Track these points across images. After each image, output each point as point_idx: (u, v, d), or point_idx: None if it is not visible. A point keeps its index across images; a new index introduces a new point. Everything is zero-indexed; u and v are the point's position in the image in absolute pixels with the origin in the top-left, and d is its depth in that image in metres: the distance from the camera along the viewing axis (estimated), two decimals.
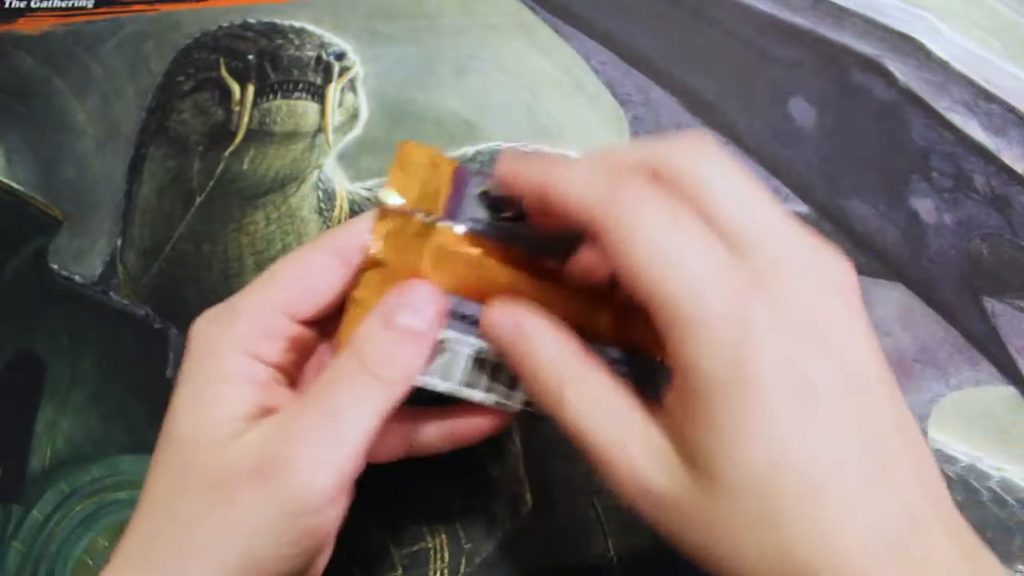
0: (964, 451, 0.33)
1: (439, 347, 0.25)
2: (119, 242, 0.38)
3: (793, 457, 0.18)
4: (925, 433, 0.33)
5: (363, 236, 0.25)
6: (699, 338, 0.19)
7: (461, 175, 0.26)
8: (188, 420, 0.24)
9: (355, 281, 0.25)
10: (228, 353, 0.24)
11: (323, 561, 0.27)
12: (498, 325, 0.24)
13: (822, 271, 0.21)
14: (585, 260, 0.25)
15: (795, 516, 0.18)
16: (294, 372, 0.27)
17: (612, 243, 0.20)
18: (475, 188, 0.25)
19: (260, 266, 0.37)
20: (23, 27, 0.42)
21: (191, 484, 0.23)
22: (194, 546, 0.23)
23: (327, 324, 0.27)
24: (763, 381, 0.19)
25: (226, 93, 0.40)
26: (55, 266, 0.37)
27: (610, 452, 0.21)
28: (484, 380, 0.26)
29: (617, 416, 0.21)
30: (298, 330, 0.26)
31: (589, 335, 0.24)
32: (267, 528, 0.22)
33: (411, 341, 0.24)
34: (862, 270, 0.35)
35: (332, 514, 0.24)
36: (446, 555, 0.32)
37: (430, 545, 0.32)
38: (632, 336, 0.25)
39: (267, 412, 0.24)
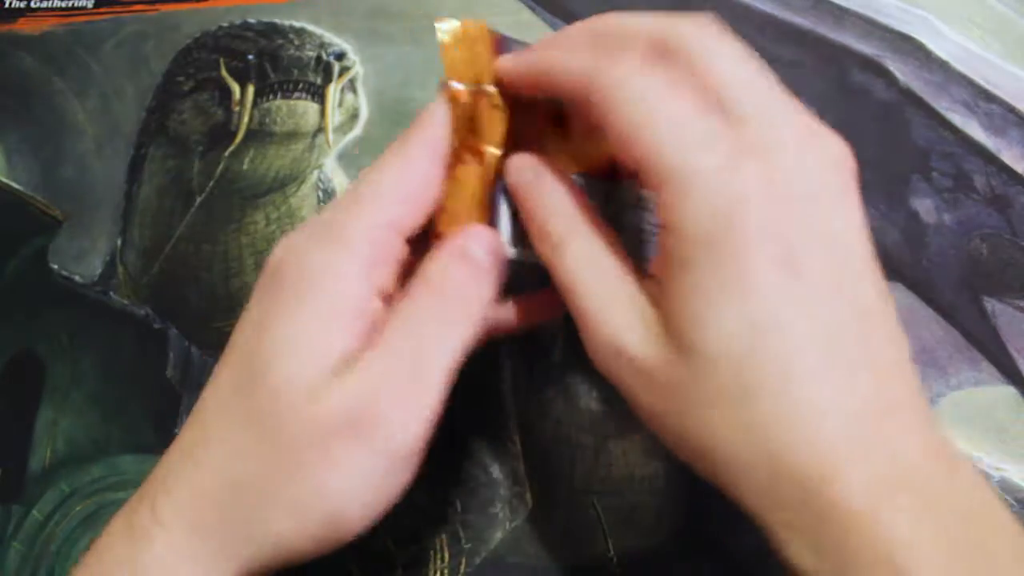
0: (964, 451, 0.33)
1: None
2: (119, 242, 0.38)
3: (770, 325, 0.18)
4: None
5: (443, 129, 0.24)
6: (689, 196, 0.19)
7: (501, 43, 0.26)
8: (286, 362, 0.22)
9: (451, 172, 0.25)
10: (347, 284, 0.22)
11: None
12: (522, 168, 0.24)
13: (820, 148, 0.20)
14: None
15: (768, 388, 0.18)
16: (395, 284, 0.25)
17: (605, 108, 0.20)
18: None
19: (260, 266, 0.37)
20: (23, 27, 0.42)
21: (283, 437, 0.21)
22: (281, 502, 0.21)
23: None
24: (748, 244, 0.18)
25: (226, 93, 0.40)
26: (55, 266, 0.37)
27: (594, 311, 0.21)
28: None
29: (608, 277, 0.21)
30: (406, 251, 0.24)
31: None
32: (361, 487, 0.21)
33: (485, 275, 0.23)
34: None
35: (418, 460, 0.22)
36: (446, 555, 0.32)
37: (430, 545, 0.32)
38: None
39: (368, 347, 0.22)
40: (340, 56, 0.40)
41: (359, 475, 0.21)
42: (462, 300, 0.23)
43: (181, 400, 0.35)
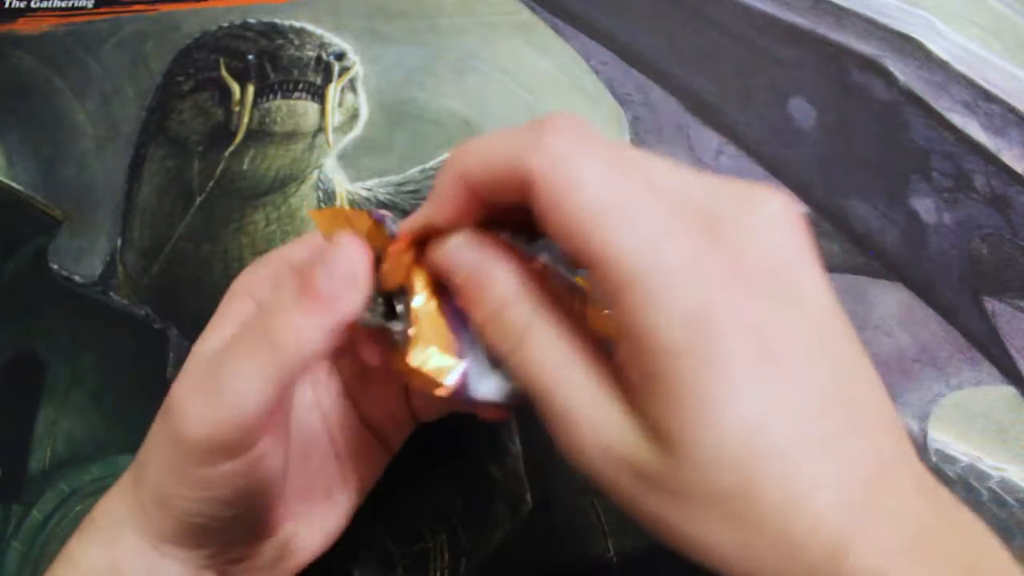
0: (964, 451, 0.33)
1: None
2: (119, 242, 0.38)
3: (760, 423, 0.17)
4: (925, 433, 0.33)
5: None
6: (659, 300, 0.17)
7: (377, 218, 0.23)
8: (196, 353, 0.24)
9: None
10: (233, 294, 0.25)
11: (298, 497, 0.26)
12: (460, 247, 0.21)
13: (765, 211, 0.19)
14: None
15: (767, 482, 0.17)
16: None
17: (552, 197, 0.18)
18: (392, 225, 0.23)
19: None
20: (23, 27, 0.42)
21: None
22: (143, 468, 0.24)
23: None
24: (726, 346, 0.17)
25: (226, 93, 0.40)
26: (55, 266, 0.37)
27: (576, 411, 0.19)
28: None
29: (582, 371, 0.19)
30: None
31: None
32: (168, 467, 0.23)
33: (319, 309, 0.21)
34: (862, 270, 0.35)
35: (227, 468, 0.22)
36: (446, 555, 0.32)
37: (430, 545, 0.32)
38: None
39: None
40: (340, 56, 0.40)
41: (161, 453, 0.23)
42: (282, 332, 0.22)
43: None
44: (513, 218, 0.21)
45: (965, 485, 0.32)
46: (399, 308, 0.23)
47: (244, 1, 0.42)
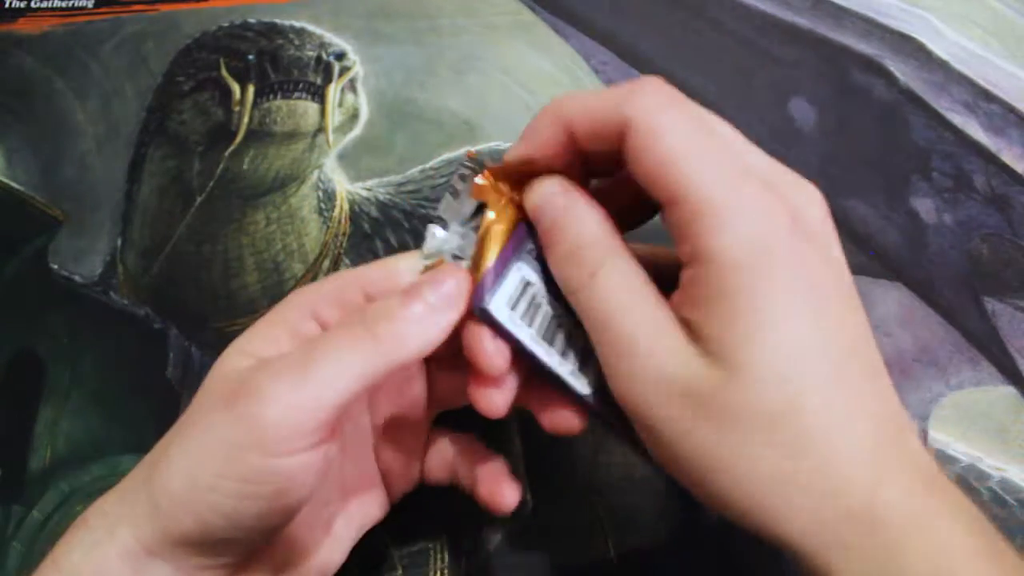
0: (964, 451, 0.33)
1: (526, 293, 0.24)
2: (119, 242, 0.38)
3: (808, 347, 0.19)
4: (925, 433, 0.33)
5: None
6: (728, 226, 0.20)
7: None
8: (235, 354, 0.24)
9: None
10: (289, 304, 0.25)
11: (304, 527, 0.26)
12: (546, 195, 0.23)
13: (810, 190, 0.22)
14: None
15: (813, 407, 0.19)
16: None
17: (644, 140, 0.21)
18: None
19: (260, 266, 0.37)
20: (23, 27, 0.42)
21: (195, 407, 0.24)
22: (153, 461, 0.23)
23: None
24: (784, 272, 0.20)
25: (226, 93, 0.40)
26: (55, 266, 0.37)
27: (638, 339, 0.21)
28: (560, 342, 0.24)
29: (645, 303, 0.21)
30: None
31: None
32: (214, 454, 0.22)
33: (423, 317, 0.23)
34: (862, 270, 0.35)
35: (289, 463, 0.22)
36: (446, 555, 0.32)
37: (430, 545, 0.32)
38: None
39: None
40: (340, 56, 0.40)
41: (224, 443, 0.22)
42: (381, 324, 0.23)
43: (181, 400, 0.35)
44: (595, 167, 0.24)
45: (965, 485, 0.32)
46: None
47: (244, 1, 0.42)
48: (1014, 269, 0.35)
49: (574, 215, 0.23)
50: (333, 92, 0.39)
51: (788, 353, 0.19)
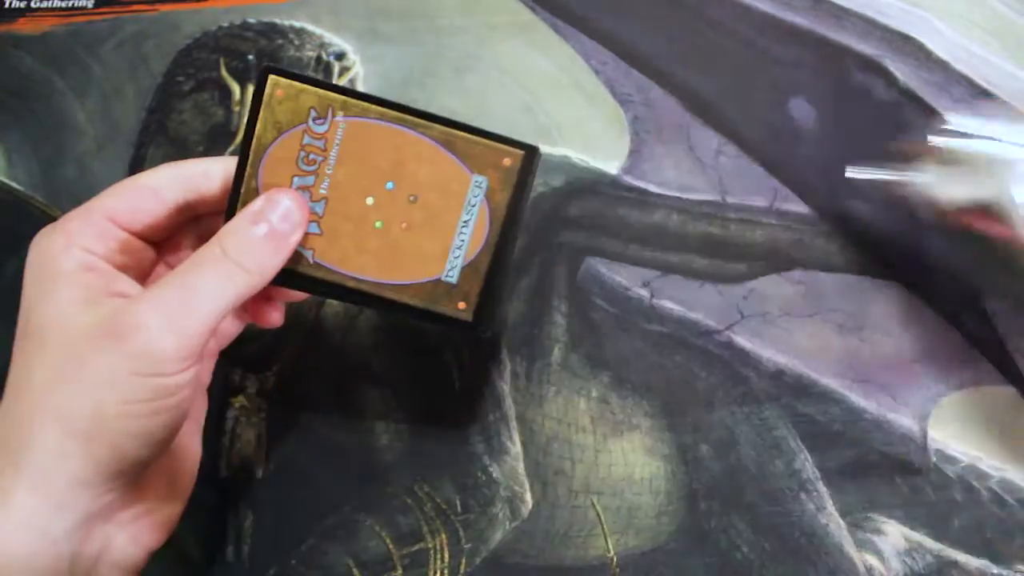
0: (964, 451, 0.33)
1: None
2: None
3: None
4: (925, 433, 0.33)
5: (209, 169, 0.28)
6: None
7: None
8: (37, 312, 0.25)
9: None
10: (62, 250, 0.26)
11: (188, 443, 0.29)
12: None
13: None
14: None
15: None
16: (136, 277, 0.28)
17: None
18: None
19: None
20: (23, 27, 0.42)
21: (45, 356, 0.24)
22: (43, 409, 0.24)
23: (165, 246, 0.29)
24: None
25: (226, 93, 0.40)
26: None
27: None
28: None
29: None
30: (129, 238, 0.27)
31: None
32: (116, 384, 0.23)
33: (274, 239, 0.26)
34: (862, 270, 0.35)
35: (181, 379, 0.25)
36: (446, 555, 0.32)
37: (430, 545, 0.32)
38: None
39: (117, 295, 0.26)
40: (340, 56, 0.40)
41: (113, 375, 0.24)
42: (243, 254, 0.25)
43: None
44: None
45: (965, 485, 0.32)
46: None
47: (244, 1, 0.42)
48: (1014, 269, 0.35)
49: None
50: None
51: None
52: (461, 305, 0.28)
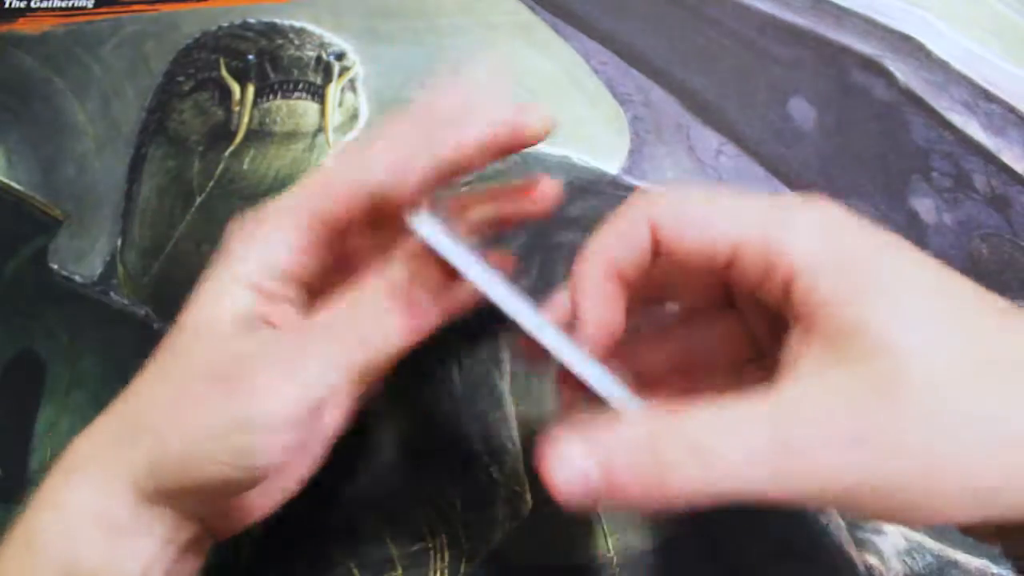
0: None
1: None
2: (119, 242, 0.38)
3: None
4: None
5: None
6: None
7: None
8: (195, 313, 0.25)
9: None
10: (243, 256, 0.25)
11: (273, 493, 0.28)
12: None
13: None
14: None
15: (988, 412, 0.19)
16: (320, 283, 0.26)
17: (835, 292, 0.21)
18: None
19: None
20: (23, 27, 0.42)
21: (175, 372, 0.24)
22: (150, 428, 0.24)
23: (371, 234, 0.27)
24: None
25: (226, 93, 0.40)
26: (55, 266, 0.37)
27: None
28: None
29: (737, 429, 0.20)
30: (330, 237, 0.26)
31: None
32: (215, 433, 0.23)
33: (410, 314, 0.24)
34: None
35: (278, 441, 0.24)
36: (446, 555, 0.32)
37: (430, 545, 0.32)
38: None
39: (267, 323, 0.25)
40: (340, 56, 0.40)
41: (216, 423, 0.23)
42: (370, 329, 0.24)
43: None
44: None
45: None
46: None
47: (244, 1, 0.42)
48: (1014, 269, 0.35)
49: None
50: (333, 92, 0.39)
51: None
52: None
